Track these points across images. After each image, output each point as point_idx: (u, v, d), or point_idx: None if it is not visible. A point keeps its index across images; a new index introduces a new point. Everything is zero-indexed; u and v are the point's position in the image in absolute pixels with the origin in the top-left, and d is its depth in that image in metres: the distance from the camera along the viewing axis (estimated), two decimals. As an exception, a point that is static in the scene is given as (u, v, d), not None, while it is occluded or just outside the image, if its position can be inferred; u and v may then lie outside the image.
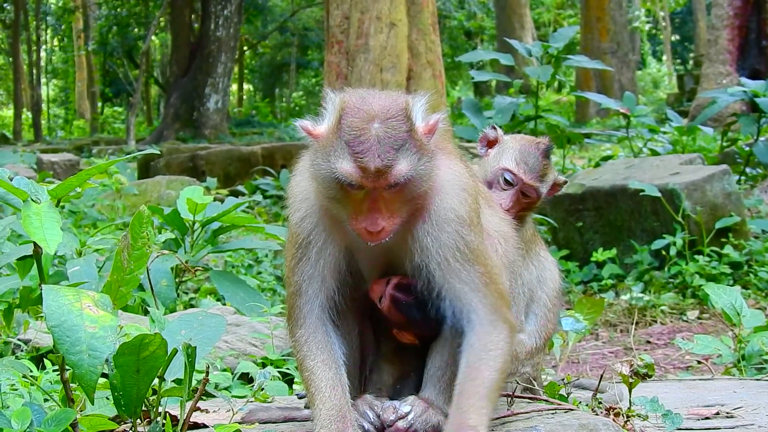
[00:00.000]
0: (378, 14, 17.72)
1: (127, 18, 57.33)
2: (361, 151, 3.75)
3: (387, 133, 3.78)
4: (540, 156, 5.18)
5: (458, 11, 56.48)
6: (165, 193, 15.38)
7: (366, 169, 3.73)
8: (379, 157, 3.74)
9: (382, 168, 3.73)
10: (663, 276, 10.32)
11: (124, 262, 3.89)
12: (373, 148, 3.75)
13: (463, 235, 3.94)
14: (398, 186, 3.77)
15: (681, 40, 74.99)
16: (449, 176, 4.02)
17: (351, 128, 3.80)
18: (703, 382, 5.69)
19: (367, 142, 3.76)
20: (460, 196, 3.98)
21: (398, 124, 3.81)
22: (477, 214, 4.04)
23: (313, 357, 4.07)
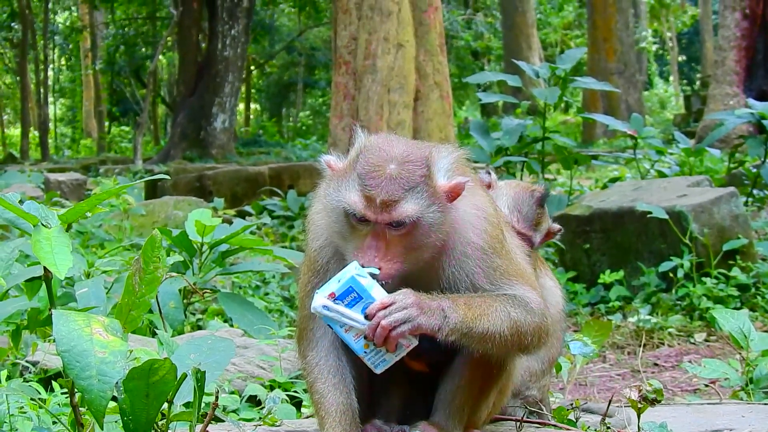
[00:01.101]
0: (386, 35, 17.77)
1: (135, 37, 57.51)
2: (370, 185, 3.79)
3: (401, 174, 3.81)
4: (534, 204, 5.18)
5: (465, 32, 56.57)
6: (172, 213, 15.38)
7: (371, 200, 3.77)
8: (387, 191, 3.77)
9: (387, 201, 3.76)
10: (670, 298, 10.31)
11: (135, 285, 3.90)
12: (383, 183, 3.78)
13: (489, 263, 3.98)
14: (403, 226, 3.77)
15: (688, 60, 75.05)
16: (466, 209, 4.02)
17: (367, 164, 3.84)
18: (711, 406, 5.68)
19: (379, 178, 3.80)
20: (477, 228, 4.00)
21: (414, 168, 3.84)
22: (500, 241, 4.05)
23: (324, 380, 4.09)
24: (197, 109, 40.05)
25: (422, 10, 18.79)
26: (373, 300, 3.74)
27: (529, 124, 14.13)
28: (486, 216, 4.05)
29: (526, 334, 3.96)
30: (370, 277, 3.76)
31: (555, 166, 17.56)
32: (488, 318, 3.85)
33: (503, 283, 3.99)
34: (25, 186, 19.57)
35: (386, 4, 17.97)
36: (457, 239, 3.97)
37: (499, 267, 3.99)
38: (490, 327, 3.85)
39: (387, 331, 3.70)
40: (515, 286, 4.01)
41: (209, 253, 7.96)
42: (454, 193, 3.91)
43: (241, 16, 40.02)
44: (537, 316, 3.99)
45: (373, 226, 3.80)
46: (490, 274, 3.97)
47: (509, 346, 3.97)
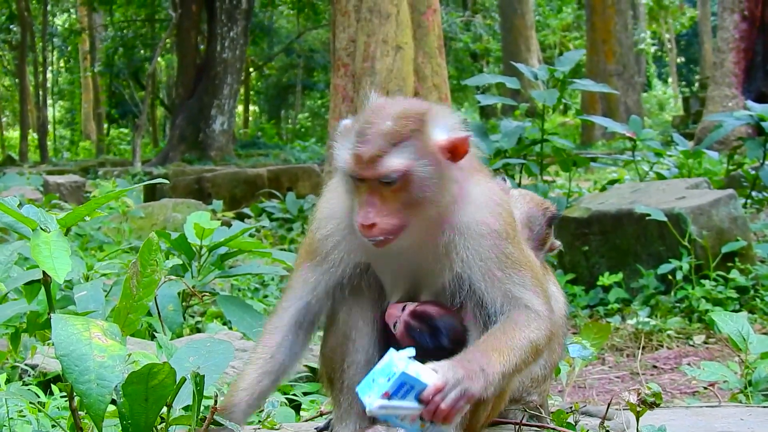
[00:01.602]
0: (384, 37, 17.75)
1: (134, 40, 57.46)
2: (361, 141, 3.87)
3: (390, 129, 3.87)
4: (545, 224, 5.20)
5: (464, 33, 56.58)
6: (171, 215, 15.38)
7: (358, 157, 3.84)
8: (373, 146, 3.84)
9: (373, 156, 3.83)
10: (669, 300, 10.31)
11: (133, 289, 3.91)
12: (371, 139, 3.86)
13: (502, 248, 4.00)
14: (393, 181, 3.82)
15: (687, 62, 75.08)
16: (481, 191, 4.07)
17: (364, 122, 3.94)
18: (710, 408, 5.68)
19: (368, 135, 3.87)
20: (493, 211, 4.03)
21: (406, 123, 3.91)
22: (513, 229, 4.07)
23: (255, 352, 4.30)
24: (196, 111, 40.04)
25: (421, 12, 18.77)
26: (425, 385, 3.64)
27: (528, 126, 14.13)
28: (500, 201, 4.08)
29: (542, 347, 4.02)
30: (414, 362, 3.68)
31: (554, 168, 17.54)
32: (515, 353, 3.87)
33: (514, 273, 4.01)
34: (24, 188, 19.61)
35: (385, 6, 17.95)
36: (472, 217, 4.00)
37: (511, 254, 4.01)
38: (518, 361, 3.88)
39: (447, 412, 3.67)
40: (525, 280, 4.03)
41: (208, 255, 7.96)
42: (454, 148, 3.95)
43: (239, 18, 40.02)
44: (547, 324, 4.03)
45: (368, 185, 3.84)
46: (503, 260, 3.99)
47: (533, 361, 4.02)
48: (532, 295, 4.02)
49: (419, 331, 4.11)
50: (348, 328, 4.19)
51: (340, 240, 4.18)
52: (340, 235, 4.18)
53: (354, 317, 4.19)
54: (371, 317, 4.22)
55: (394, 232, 3.90)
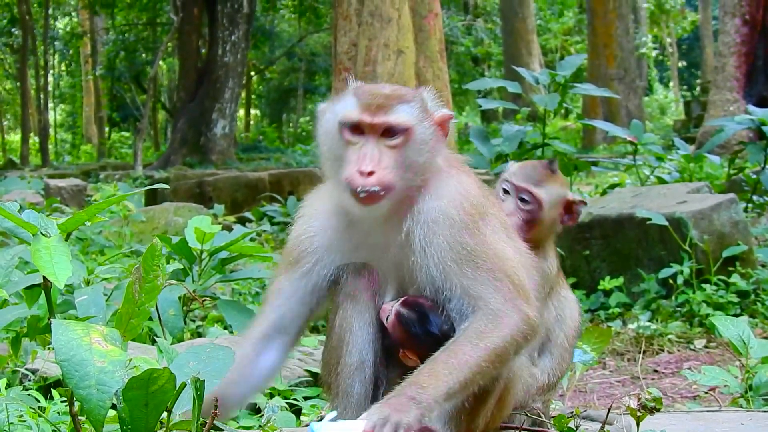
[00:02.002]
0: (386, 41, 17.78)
1: (135, 43, 57.51)
2: (367, 95, 4.05)
3: (395, 92, 4.09)
4: (540, 166, 5.16)
5: (465, 37, 56.60)
6: (172, 219, 15.38)
7: (368, 105, 3.99)
8: (382, 97, 4.03)
9: (383, 104, 3.99)
10: (670, 305, 10.30)
11: (135, 294, 3.91)
12: (379, 96, 4.05)
13: (457, 238, 4.00)
14: (396, 132, 3.91)
15: (688, 66, 75.11)
16: (449, 183, 4.11)
17: (363, 88, 4.15)
18: (711, 413, 5.68)
19: (375, 94, 4.07)
20: (453, 200, 4.07)
21: (408, 91, 4.16)
22: (475, 220, 4.07)
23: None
24: (197, 114, 40.05)
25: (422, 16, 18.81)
26: None
27: (529, 130, 14.12)
28: (465, 193, 4.12)
29: (508, 347, 3.97)
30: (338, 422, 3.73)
31: (555, 172, 17.52)
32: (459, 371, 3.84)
33: (469, 267, 4.00)
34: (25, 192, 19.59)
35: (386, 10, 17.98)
36: (430, 205, 4.05)
37: (468, 246, 4.00)
38: (467, 373, 3.85)
39: None
40: (483, 275, 4.01)
41: (209, 260, 7.97)
42: (443, 121, 4.16)
43: (241, 22, 40.06)
44: (511, 322, 3.98)
45: (367, 138, 3.91)
46: (459, 252, 3.99)
47: (497, 368, 3.99)
48: (491, 292, 4.00)
49: (408, 319, 4.14)
50: (343, 331, 4.21)
51: (319, 236, 4.23)
52: (317, 233, 4.23)
53: (349, 320, 4.21)
54: (367, 320, 4.24)
55: (387, 187, 3.98)
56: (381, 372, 4.30)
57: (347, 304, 4.22)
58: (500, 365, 3.98)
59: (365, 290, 4.23)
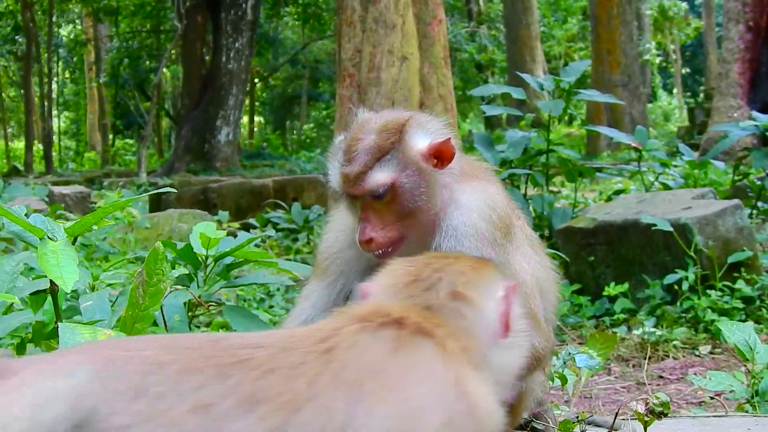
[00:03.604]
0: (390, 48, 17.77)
1: (139, 50, 57.58)
2: (346, 159, 3.98)
3: (372, 145, 3.96)
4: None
5: (469, 44, 56.62)
6: (177, 226, 15.38)
7: (345, 176, 3.96)
8: (357, 164, 3.94)
9: (358, 174, 3.93)
10: (675, 310, 10.28)
11: (139, 298, 3.91)
12: (355, 157, 3.97)
13: (483, 252, 3.95)
14: (382, 195, 3.89)
15: (692, 73, 75.07)
16: (472, 195, 4.07)
17: (349, 138, 4.05)
18: (717, 419, 5.67)
19: (352, 152, 3.98)
20: (483, 213, 4.02)
21: (388, 135, 3.99)
22: (502, 235, 4.05)
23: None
24: (201, 122, 40.08)
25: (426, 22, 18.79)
26: None
27: (534, 136, 14.12)
28: (493, 204, 4.08)
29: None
30: None
31: (559, 179, 17.53)
32: None
33: None
34: (30, 199, 19.59)
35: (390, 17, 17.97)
36: (459, 220, 4.00)
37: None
38: None
39: None
40: None
41: (214, 265, 7.95)
42: (437, 153, 4.03)
43: (245, 29, 40.10)
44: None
45: (361, 200, 3.91)
46: None
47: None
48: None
49: None
50: None
51: (344, 251, 4.22)
52: (343, 248, 4.22)
53: None
54: None
55: (392, 244, 3.97)
56: None
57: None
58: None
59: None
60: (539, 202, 13.59)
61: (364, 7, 18.18)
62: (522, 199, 12.95)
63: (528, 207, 13.05)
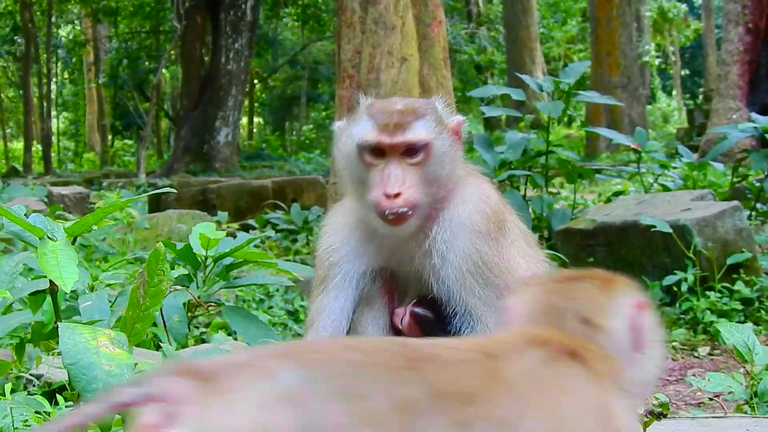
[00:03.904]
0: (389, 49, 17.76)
1: (138, 51, 57.56)
2: (383, 115, 4.04)
3: (408, 107, 4.07)
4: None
5: (469, 46, 56.61)
6: (176, 227, 15.38)
7: (385, 126, 3.99)
8: (399, 116, 4.02)
9: (401, 123, 3.98)
10: (674, 312, 10.29)
11: (140, 298, 3.91)
12: (394, 114, 4.04)
13: (477, 246, 3.98)
14: (418, 152, 3.90)
15: (691, 74, 75.06)
16: (473, 190, 4.11)
17: (376, 107, 4.13)
18: (716, 419, 5.67)
19: (389, 112, 4.06)
20: (479, 207, 4.05)
21: (421, 104, 4.14)
22: (497, 230, 4.05)
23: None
24: (200, 122, 40.06)
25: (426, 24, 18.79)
26: None
27: (533, 137, 14.13)
28: (487, 200, 4.11)
29: None
30: None
31: (559, 180, 17.54)
32: None
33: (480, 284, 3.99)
34: (29, 199, 19.58)
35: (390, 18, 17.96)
36: (456, 212, 4.02)
37: (485, 256, 3.99)
38: None
39: None
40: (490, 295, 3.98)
41: (213, 266, 7.95)
42: (458, 129, 4.17)
43: (244, 30, 40.09)
44: None
45: (389, 159, 3.90)
46: (476, 262, 3.98)
47: None
48: (493, 315, 3.97)
49: (424, 317, 4.13)
50: (357, 334, 4.20)
51: (344, 250, 4.21)
52: (343, 246, 4.21)
53: (363, 323, 4.21)
54: (381, 324, 4.23)
55: (414, 206, 4.00)
56: None
57: (362, 307, 4.22)
58: None
59: (381, 294, 4.23)
60: (538, 203, 13.59)
61: (363, 8, 18.17)
62: (521, 201, 12.95)
63: (527, 208, 13.05)
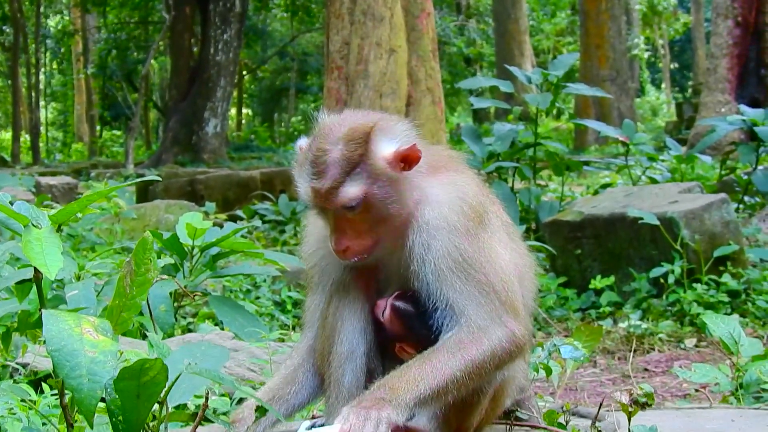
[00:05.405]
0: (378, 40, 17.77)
1: (127, 42, 57.39)
2: (315, 172, 3.93)
3: (340, 157, 3.91)
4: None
5: (458, 38, 56.61)
6: (164, 217, 15.36)
7: (316, 191, 3.91)
8: (328, 179, 3.90)
9: (329, 189, 3.89)
10: (661, 304, 10.30)
11: (126, 287, 3.89)
12: (326, 170, 3.91)
13: (456, 244, 3.93)
14: (354, 208, 3.87)
15: (680, 68, 75.22)
16: (445, 187, 4.05)
17: (315, 149, 3.98)
18: (701, 410, 5.68)
19: (321, 166, 3.93)
20: (454, 205, 4.00)
21: (355, 147, 3.94)
22: (476, 225, 4.02)
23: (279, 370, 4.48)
24: (189, 113, 40.00)
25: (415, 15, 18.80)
26: None
27: (521, 129, 14.14)
28: (464, 196, 4.04)
29: (487, 362, 3.91)
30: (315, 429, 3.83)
31: (547, 172, 17.57)
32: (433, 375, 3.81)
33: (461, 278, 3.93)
34: (16, 189, 19.53)
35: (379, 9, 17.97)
36: (431, 215, 3.99)
37: (465, 252, 3.94)
38: (440, 381, 3.82)
39: None
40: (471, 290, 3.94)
41: (200, 256, 7.95)
42: (403, 159, 3.99)
43: (233, 21, 40.03)
44: (495, 338, 3.91)
45: (333, 212, 3.90)
46: (455, 259, 3.92)
47: (475, 381, 3.94)
48: (475, 308, 3.93)
49: (404, 311, 4.12)
50: (335, 320, 4.20)
51: (324, 250, 4.23)
52: (324, 247, 4.22)
53: (341, 310, 4.20)
54: (358, 309, 4.22)
55: (367, 250, 4.00)
56: (377, 366, 4.27)
57: (339, 294, 4.22)
58: (478, 378, 3.92)
59: (356, 281, 4.23)
60: (526, 195, 13.61)
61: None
62: (509, 193, 12.96)
63: (515, 200, 13.06)
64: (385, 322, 4.18)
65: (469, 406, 4.13)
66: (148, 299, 6.82)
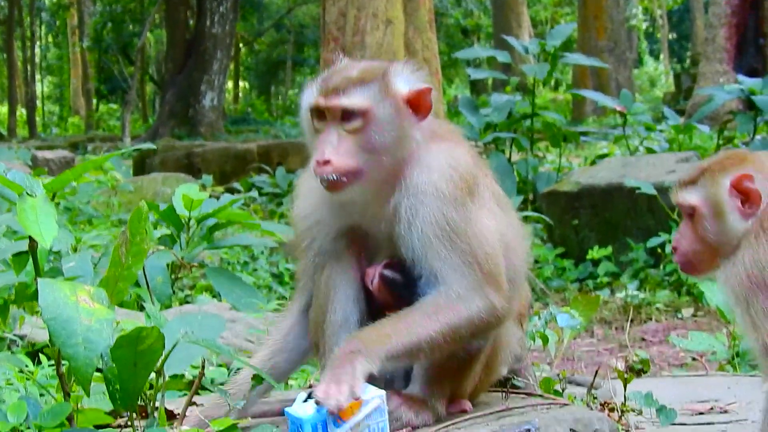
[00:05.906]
0: (374, 11, 17.69)
1: (122, 14, 57.14)
2: (328, 78, 4.02)
3: (357, 72, 4.00)
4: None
5: (455, 9, 56.45)
6: (161, 190, 15.36)
7: (325, 89, 3.95)
8: (339, 79, 3.97)
9: (339, 87, 3.93)
10: (658, 274, 10.32)
11: (122, 257, 3.89)
12: (338, 74, 4.01)
13: (444, 212, 3.92)
14: (353, 118, 3.85)
15: (678, 38, 74.95)
16: (438, 154, 4.05)
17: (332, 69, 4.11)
18: (698, 378, 5.71)
19: (336, 74, 4.03)
20: (444, 173, 3.99)
21: (372, 69, 4.05)
22: (464, 195, 4.00)
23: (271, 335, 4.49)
24: (185, 86, 39.89)
25: (411, -14, 18.73)
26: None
27: (519, 100, 14.12)
28: (455, 165, 4.03)
29: (463, 328, 3.91)
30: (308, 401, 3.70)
31: (544, 144, 17.55)
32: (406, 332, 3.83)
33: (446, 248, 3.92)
34: (13, 163, 19.48)
35: (375, -20, 17.90)
36: (420, 179, 3.98)
37: (452, 221, 3.92)
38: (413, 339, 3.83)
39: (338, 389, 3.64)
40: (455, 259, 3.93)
41: (197, 227, 7.95)
42: (416, 100, 4.01)
43: (229, -7, 39.89)
44: (473, 306, 3.91)
45: (328, 124, 3.88)
46: (442, 227, 3.91)
47: (450, 345, 3.94)
48: (457, 278, 3.92)
49: (393, 279, 4.12)
50: (328, 289, 4.19)
51: (316, 215, 4.21)
52: (316, 212, 4.20)
53: (334, 278, 4.19)
54: (351, 278, 4.21)
55: (349, 173, 3.92)
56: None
57: (331, 263, 4.21)
58: (453, 343, 3.92)
59: (348, 248, 4.22)
60: (524, 166, 13.60)
61: (349, -30, 18.09)
62: (506, 163, 12.95)
63: (512, 171, 13.05)
64: (374, 291, 4.18)
65: (461, 371, 4.13)
66: (144, 271, 6.82)
